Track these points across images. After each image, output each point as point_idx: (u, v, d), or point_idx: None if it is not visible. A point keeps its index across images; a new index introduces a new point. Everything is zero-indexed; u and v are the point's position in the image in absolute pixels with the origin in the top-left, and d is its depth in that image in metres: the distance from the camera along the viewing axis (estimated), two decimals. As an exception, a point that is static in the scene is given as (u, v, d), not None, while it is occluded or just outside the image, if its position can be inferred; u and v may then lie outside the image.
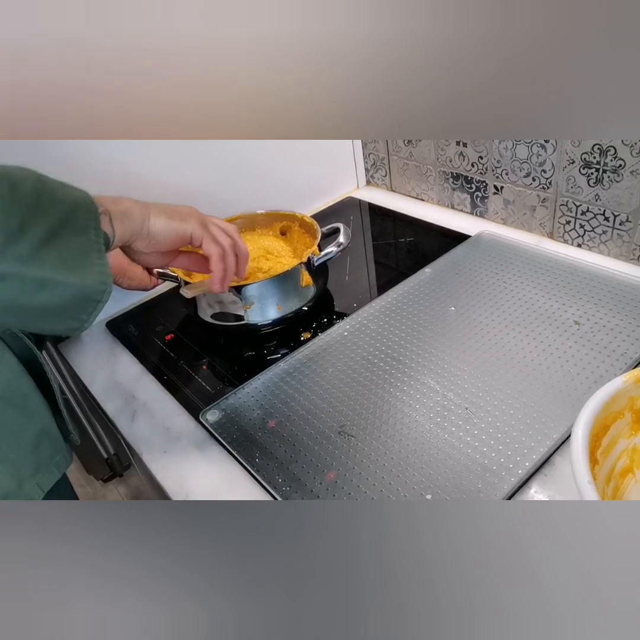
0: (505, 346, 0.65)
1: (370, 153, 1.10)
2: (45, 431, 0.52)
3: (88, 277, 0.45)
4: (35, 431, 0.51)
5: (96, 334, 0.84)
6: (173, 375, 0.72)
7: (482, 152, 0.88)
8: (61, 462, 0.54)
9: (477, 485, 0.50)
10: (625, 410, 0.48)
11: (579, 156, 0.75)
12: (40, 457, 0.51)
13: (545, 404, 0.57)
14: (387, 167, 1.08)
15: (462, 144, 0.91)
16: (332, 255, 0.74)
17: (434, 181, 1.00)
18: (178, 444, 0.63)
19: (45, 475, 0.51)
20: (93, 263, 0.45)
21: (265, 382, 0.66)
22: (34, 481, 0.50)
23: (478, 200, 0.94)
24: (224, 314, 0.73)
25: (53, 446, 0.53)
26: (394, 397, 0.61)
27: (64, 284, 0.43)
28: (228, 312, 0.73)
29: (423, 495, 0.50)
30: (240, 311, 0.72)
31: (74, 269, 0.44)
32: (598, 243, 0.80)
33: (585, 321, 0.67)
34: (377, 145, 1.08)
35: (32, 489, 0.49)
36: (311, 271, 0.75)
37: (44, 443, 0.52)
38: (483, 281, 0.77)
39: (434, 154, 0.96)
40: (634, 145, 0.69)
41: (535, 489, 0.51)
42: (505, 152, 0.85)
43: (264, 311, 0.72)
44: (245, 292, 0.71)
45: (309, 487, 0.53)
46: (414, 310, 0.74)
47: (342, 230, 0.77)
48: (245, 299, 0.71)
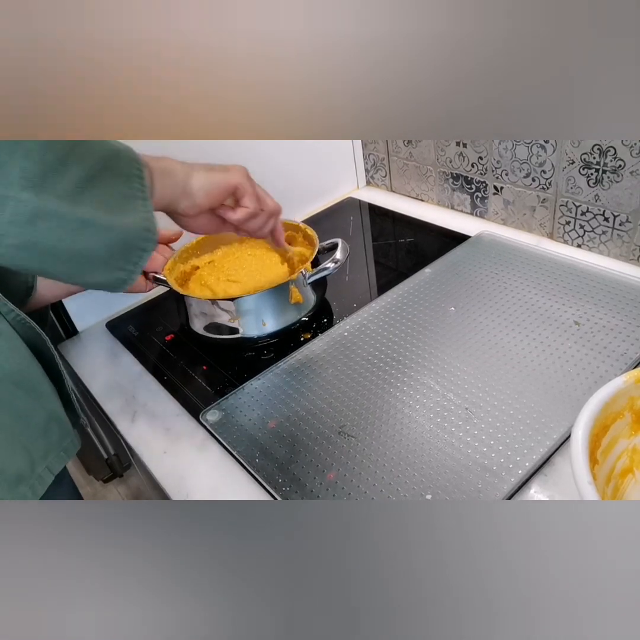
0: (505, 346, 0.65)
1: (370, 153, 1.10)
2: (54, 416, 0.53)
3: (132, 222, 0.44)
4: (45, 415, 0.51)
5: (96, 334, 0.84)
6: (173, 376, 0.72)
7: (482, 153, 0.88)
8: (70, 446, 0.54)
9: (477, 486, 0.50)
10: (625, 411, 0.48)
11: (579, 157, 0.75)
12: (49, 441, 0.51)
13: (545, 404, 0.57)
14: (387, 168, 1.08)
15: (462, 145, 0.91)
16: (328, 272, 0.72)
17: (434, 182, 1.00)
18: (178, 444, 0.63)
19: (55, 458, 0.52)
20: (137, 209, 0.44)
21: (265, 383, 0.66)
22: (45, 464, 0.50)
23: (478, 200, 0.94)
24: (214, 325, 0.72)
25: (61, 431, 0.53)
26: (394, 397, 0.61)
27: (106, 227, 0.42)
28: (218, 323, 0.71)
29: (423, 495, 0.50)
30: (227, 323, 0.70)
31: (117, 212, 0.43)
32: (598, 243, 0.80)
33: (585, 321, 0.67)
34: (377, 145, 1.08)
35: (43, 471, 0.50)
36: (303, 288, 0.72)
37: (53, 427, 0.52)
38: (483, 281, 0.77)
39: (434, 154, 0.97)
40: (634, 146, 0.69)
41: (535, 489, 0.51)
42: (505, 153, 0.85)
43: (249, 326, 0.71)
44: (227, 305, 0.69)
45: (308, 488, 0.53)
46: (414, 310, 0.74)
47: (340, 245, 0.74)
48: (229, 313, 0.70)
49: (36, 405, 0.51)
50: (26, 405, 0.50)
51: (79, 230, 0.41)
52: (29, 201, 0.38)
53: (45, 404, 0.52)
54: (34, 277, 0.64)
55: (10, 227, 0.38)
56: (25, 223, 0.38)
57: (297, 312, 0.73)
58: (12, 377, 0.49)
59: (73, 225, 0.40)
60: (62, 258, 0.42)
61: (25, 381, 0.50)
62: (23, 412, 0.49)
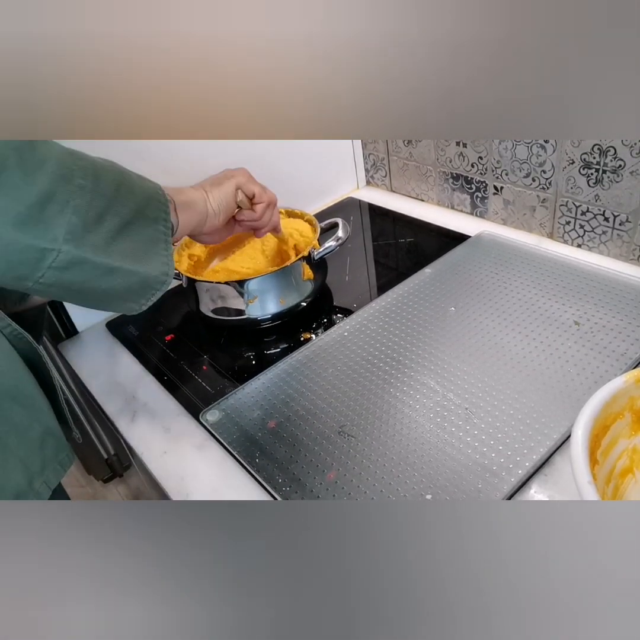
0: (505, 346, 0.65)
1: (370, 153, 1.10)
2: (50, 430, 0.53)
3: (153, 267, 0.49)
4: (41, 430, 0.51)
5: (96, 334, 0.84)
6: (173, 376, 0.72)
7: (482, 153, 0.88)
8: (65, 460, 0.54)
9: (477, 486, 0.50)
10: (625, 411, 0.48)
11: (579, 156, 0.75)
12: (46, 455, 0.51)
13: (545, 404, 0.57)
14: (387, 168, 1.08)
15: (462, 145, 0.91)
16: (331, 249, 0.76)
17: (434, 181, 1.00)
18: (178, 444, 0.63)
19: (52, 472, 0.52)
20: (159, 254, 0.50)
21: (265, 383, 0.66)
22: (42, 479, 0.50)
23: (478, 200, 0.94)
24: (226, 309, 0.74)
25: (57, 445, 0.53)
26: (394, 397, 0.61)
27: (130, 272, 0.48)
28: (230, 307, 0.74)
29: (423, 495, 0.50)
30: (242, 305, 0.73)
31: (141, 259, 0.48)
32: (598, 243, 0.80)
33: (585, 321, 0.67)
34: (377, 145, 1.08)
35: (41, 486, 0.50)
36: (312, 265, 0.76)
37: (49, 442, 0.52)
38: (483, 281, 0.77)
39: (434, 154, 0.97)
40: (634, 146, 0.69)
41: (535, 489, 0.51)
42: (505, 153, 0.85)
43: (267, 305, 0.73)
44: (247, 286, 0.72)
45: (309, 488, 0.53)
46: (414, 310, 0.74)
47: (341, 225, 0.78)
48: (248, 293, 0.72)
49: (32, 420, 0.51)
50: (23, 420, 0.50)
51: (106, 275, 0.46)
52: (69, 252, 0.43)
53: (41, 418, 0.52)
54: None
55: (49, 271, 0.43)
56: (63, 269, 0.43)
57: (306, 289, 0.77)
58: (9, 392, 0.49)
59: (102, 271, 0.46)
60: (87, 296, 0.48)
61: (21, 395, 0.50)
62: (20, 427, 0.49)
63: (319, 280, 0.78)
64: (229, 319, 0.75)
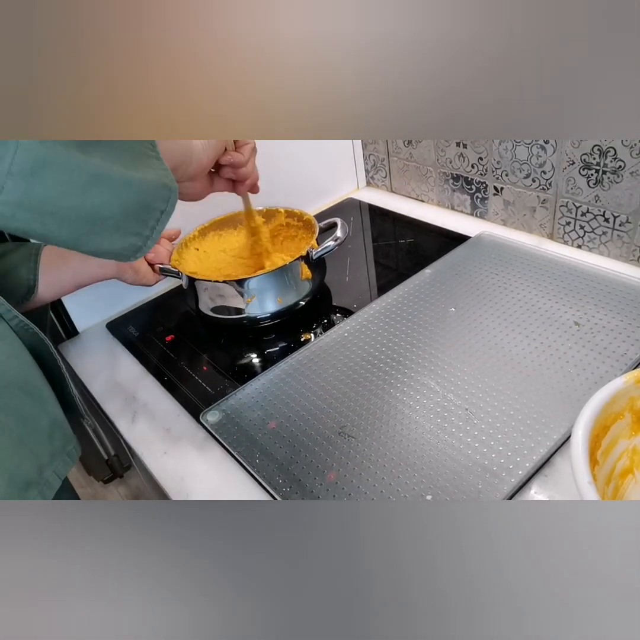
0: (505, 347, 0.65)
1: (371, 154, 1.10)
2: (57, 422, 0.53)
3: (150, 178, 0.38)
4: (48, 420, 0.52)
5: (96, 334, 0.84)
6: (173, 376, 0.72)
7: (482, 153, 0.88)
8: (72, 451, 0.54)
9: (477, 486, 0.50)
10: (626, 411, 0.48)
11: (579, 157, 0.75)
12: (54, 446, 0.52)
13: (546, 404, 0.57)
14: (387, 168, 1.08)
15: (462, 145, 0.91)
16: (330, 249, 0.75)
17: (434, 182, 1.00)
18: (178, 445, 0.63)
19: (61, 463, 0.52)
20: (152, 166, 0.39)
21: (266, 383, 0.66)
22: (52, 468, 0.50)
23: (478, 201, 0.94)
24: (225, 308, 0.74)
25: (64, 436, 0.54)
26: (394, 398, 0.61)
27: (121, 182, 0.36)
28: (229, 306, 0.74)
29: (423, 496, 0.50)
30: (241, 304, 0.73)
31: (130, 165, 0.37)
32: (598, 244, 0.80)
33: (585, 322, 0.67)
34: (377, 146, 1.08)
35: (51, 475, 0.50)
36: (310, 265, 0.76)
37: (57, 433, 0.52)
38: (483, 282, 0.77)
39: (434, 155, 0.97)
40: (634, 146, 0.69)
41: (536, 490, 0.51)
42: (505, 153, 0.85)
43: (265, 303, 0.74)
44: (246, 285, 0.72)
45: (309, 488, 0.53)
46: (414, 311, 0.74)
47: (340, 224, 0.78)
48: (247, 292, 0.72)
49: (40, 411, 0.51)
50: (31, 411, 0.50)
51: (89, 185, 0.35)
52: (32, 148, 0.32)
53: (49, 410, 0.52)
54: (35, 276, 0.64)
55: (8, 178, 0.32)
56: (26, 174, 0.32)
57: (304, 288, 0.77)
58: (17, 383, 0.49)
59: (82, 179, 0.35)
60: (68, 219, 0.36)
61: (30, 386, 0.51)
62: (29, 417, 0.49)
63: (318, 280, 0.78)
64: (229, 318, 0.75)
